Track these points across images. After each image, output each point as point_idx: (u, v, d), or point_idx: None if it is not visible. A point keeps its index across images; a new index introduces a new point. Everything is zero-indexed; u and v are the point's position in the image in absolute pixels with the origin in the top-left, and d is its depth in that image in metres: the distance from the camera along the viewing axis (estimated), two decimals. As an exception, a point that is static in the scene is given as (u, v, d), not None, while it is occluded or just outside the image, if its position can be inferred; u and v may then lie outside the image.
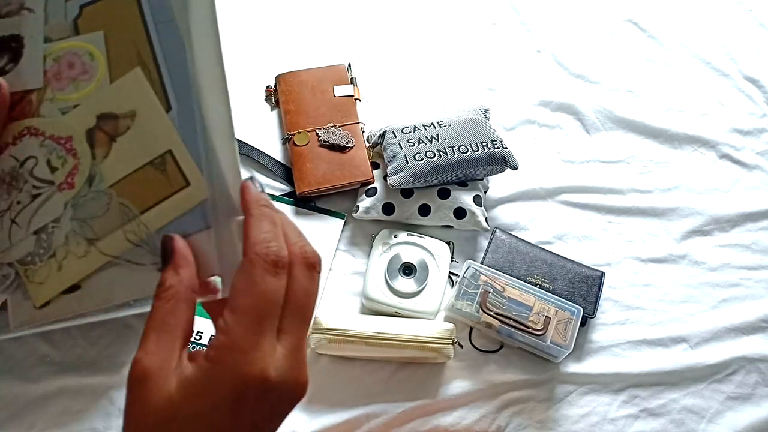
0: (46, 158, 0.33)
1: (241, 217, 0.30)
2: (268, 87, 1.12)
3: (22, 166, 0.34)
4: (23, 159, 0.34)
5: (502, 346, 0.91)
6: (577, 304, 0.90)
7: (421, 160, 0.95)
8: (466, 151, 0.96)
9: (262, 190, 0.32)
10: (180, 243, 0.30)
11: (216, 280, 0.32)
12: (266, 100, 1.12)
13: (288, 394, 0.29)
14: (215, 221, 0.31)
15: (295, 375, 0.29)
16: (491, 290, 0.90)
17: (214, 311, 0.33)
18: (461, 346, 0.89)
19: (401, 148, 0.96)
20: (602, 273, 0.96)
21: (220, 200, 0.31)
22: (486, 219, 0.98)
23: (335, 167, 1.00)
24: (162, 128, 0.31)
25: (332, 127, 1.04)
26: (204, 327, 0.85)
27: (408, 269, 0.93)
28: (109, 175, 0.32)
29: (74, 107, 0.33)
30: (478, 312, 0.88)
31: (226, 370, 0.27)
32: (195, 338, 0.85)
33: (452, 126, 0.99)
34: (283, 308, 0.29)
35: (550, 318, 0.88)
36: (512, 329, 0.87)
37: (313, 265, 0.31)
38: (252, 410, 0.28)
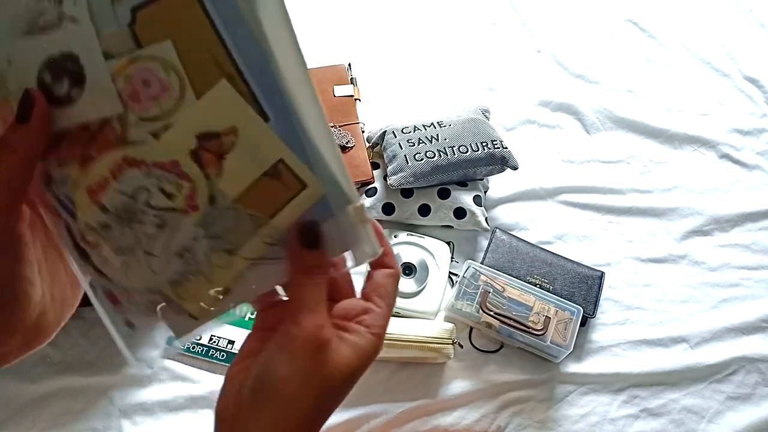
0: (158, 186, 0.31)
1: (356, 204, 0.33)
2: (268, 87, 1.12)
3: (135, 200, 0.32)
4: (133, 193, 0.32)
5: (502, 346, 0.91)
6: (577, 304, 0.90)
7: (421, 160, 0.95)
8: (466, 151, 0.96)
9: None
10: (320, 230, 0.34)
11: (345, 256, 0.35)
12: (266, 100, 1.12)
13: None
14: (336, 210, 0.33)
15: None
16: (491, 290, 0.90)
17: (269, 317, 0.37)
18: (461, 346, 0.89)
19: (401, 148, 0.96)
20: (602, 273, 0.96)
21: (333, 192, 0.32)
22: (486, 219, 0.98)
23: (335, 167, 1.00)
24: (267, 140, 0.30)
25: (332, 127, 1.04)
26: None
27: (408, 269, 0.93)
28: (230, 191, 0.31)
29: (164, 128, 0.30)
30: (478, 312, 0.88)
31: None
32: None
33: (452, 126, 0.99)
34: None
35: (550, 318, 0.88)
36: (512, 329, 0.87)
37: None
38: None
